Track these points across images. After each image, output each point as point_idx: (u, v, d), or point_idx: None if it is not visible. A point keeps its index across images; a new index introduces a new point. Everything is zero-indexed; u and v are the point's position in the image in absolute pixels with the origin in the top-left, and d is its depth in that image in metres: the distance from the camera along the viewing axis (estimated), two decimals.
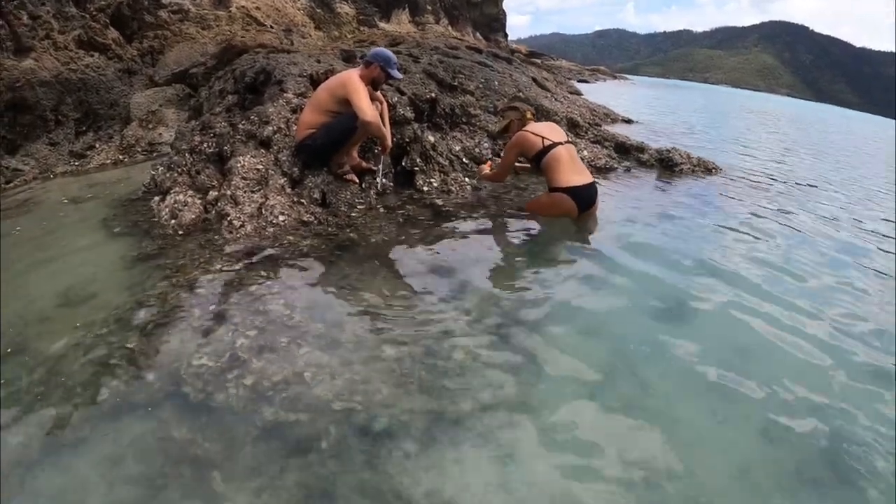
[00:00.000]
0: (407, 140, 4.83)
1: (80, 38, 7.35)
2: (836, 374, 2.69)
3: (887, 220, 6.09)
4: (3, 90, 6.30)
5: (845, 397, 2.51)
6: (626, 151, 7.01)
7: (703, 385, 2.48)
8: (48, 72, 6.79)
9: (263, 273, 3.14)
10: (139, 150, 6.84)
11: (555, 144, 4.14)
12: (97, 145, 7.06)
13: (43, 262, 3.44)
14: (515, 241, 4.08)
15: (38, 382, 2.27)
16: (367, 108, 3.85)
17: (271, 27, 10.49)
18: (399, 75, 4.33)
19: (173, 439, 1.98)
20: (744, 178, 7.19)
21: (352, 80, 3.96)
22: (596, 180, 4.38)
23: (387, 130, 4.23)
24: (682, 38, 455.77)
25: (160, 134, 7.04)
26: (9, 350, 2.48)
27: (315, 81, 5.10)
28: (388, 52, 4.19)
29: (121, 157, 6.71)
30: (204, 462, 1.88)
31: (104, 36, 7.71)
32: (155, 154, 6.71)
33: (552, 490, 1.86)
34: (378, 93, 4.29)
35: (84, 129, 7.23)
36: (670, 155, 6.87)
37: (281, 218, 3.71)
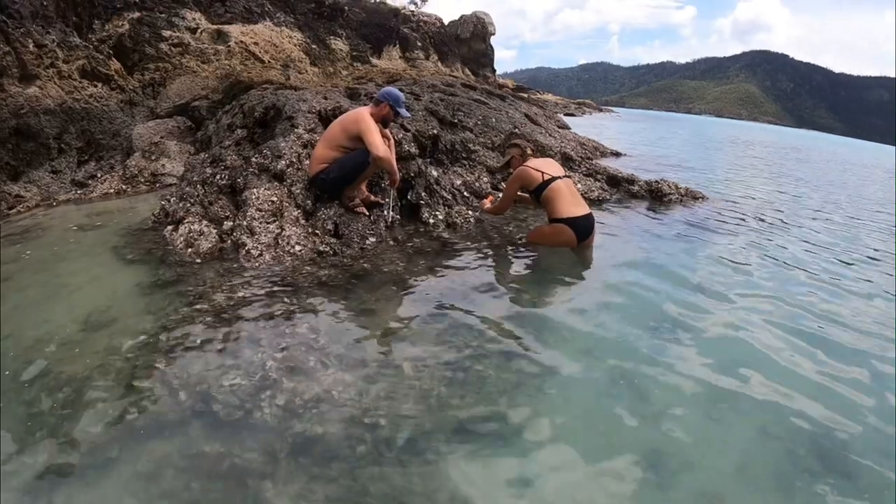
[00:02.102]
0: (412, 174, 5.03)
1: (84, 68, 7.49)
2: (821, 377, 2.94)
3: (866, 251, 6.34)
4: (7, 116, 6.38)
5: (832, 397, 2.75)
6: (618, 183, 7.32)
7: (698, 392, 2.69)
8: (52, 100, 6.89)
9: (286, 300, 3.28)
10: (142, 180, 6.92)
11: (554, 178, 4.37)
12: (99, 175, 7.13)
13: (58, 287, 3.47)
14: (519, 269, 4.29)
15: (65, 404, 2.31)
16: (380, 145, 4.06)
17: (269, 62, 10.75)
18: (407, 114, 4.54)
19: (207, 455, 2.06)
20: (729, 206, 7.49)
21: (364, 117, 4.16)
22: (592, 212, 4.60)
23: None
24: (665, 70, 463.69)
25: (163, 165, 7.13)
26: (30, 373, 2.51)
27: (323, 118, 5.29)
28: (398, 92, 4.41)
29: (124, 187, 6.76)
30: (240, 475, 1.97)
31: (107, 67, 7.88)
32: (158, 185, 6.79)
33: (566, 489, 2.02)
34: (386, 130, 4.49)
35: (86, 158, 7.31)
36: (659, 186, 7.18)
37: (297, 248, 3.86)
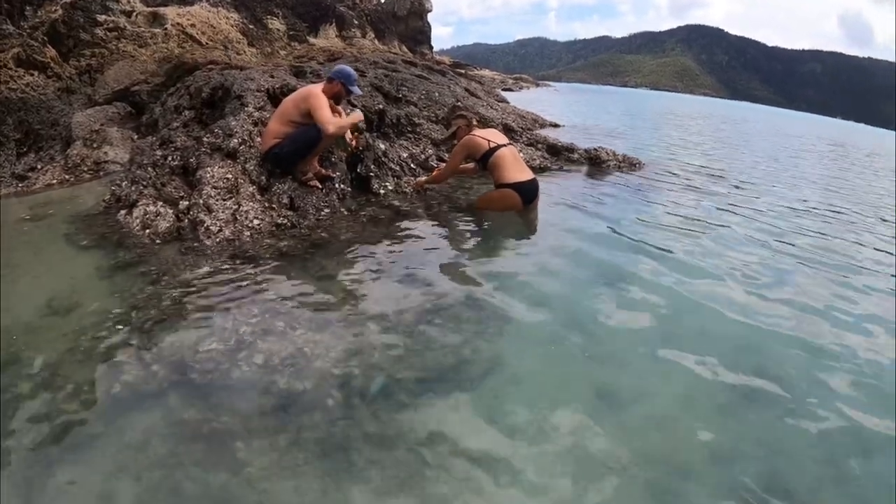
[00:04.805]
0: (360, 148, 5.16)
1: (19, 56, 7.24)
2: (757, 317, 3.32)
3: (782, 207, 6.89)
4: None
5: (768, 334, 3.14)
6: (558, 152, 7.64)
7: (644, 333, 3.02)
8: None
9: (250, 271, 3.42)
10: (85, 169, 6.77)
11: (499, 146, 4.62)
12: (39, 166, 6.95)
13: (15, 277, 3.44)
14: (469, 232, 4.54)
15: (42, 387, 2.35)
16: (329, 120, 4.19)
17: (207, 44, 10.55)
18: (359, 91, 4.67)
19: (189, 420, 2.16)
20: (664, 171, 7.93)
21: (315, 94, 4.28)
22: (536, 177, 4.87)
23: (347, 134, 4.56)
24: (602, 45, 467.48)
25: (105, 153, 6.98)
26: (2, 361, 2.51)
27: (272, 96, 5.36)
28: (350, 70, 4.54)
29: (66, 177, 6.61)
30: (224, 435, 2.08)
31: (43, 54, 7.61)
32: (102, 173, 6.65)
33: (529, 422, 2.26)
34: (338, 106, 4.62)
35: (25, 150, 7.10)
36: (598, 153, 7.55)
37: (256, 222, 3.99)
